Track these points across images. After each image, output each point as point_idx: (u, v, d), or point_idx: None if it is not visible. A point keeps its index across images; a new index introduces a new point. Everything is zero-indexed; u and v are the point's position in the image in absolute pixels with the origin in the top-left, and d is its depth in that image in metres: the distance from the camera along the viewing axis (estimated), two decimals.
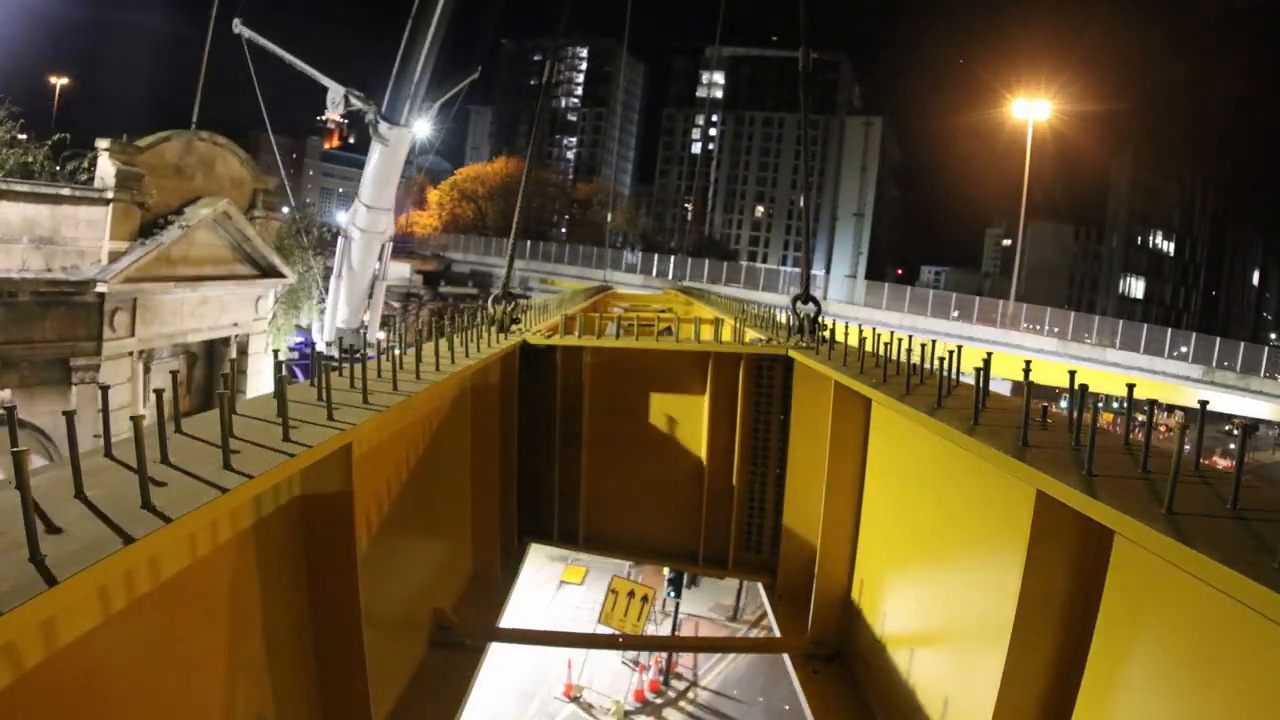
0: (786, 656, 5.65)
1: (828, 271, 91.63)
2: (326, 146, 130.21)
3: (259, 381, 20.65)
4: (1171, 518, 2.26)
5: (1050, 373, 29.32)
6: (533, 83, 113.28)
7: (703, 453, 6.76)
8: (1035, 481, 2.88)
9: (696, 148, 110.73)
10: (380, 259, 26.88)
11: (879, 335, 5.60)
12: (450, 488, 5.81)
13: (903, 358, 4.89)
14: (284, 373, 3.19)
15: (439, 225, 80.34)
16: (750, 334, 8.97)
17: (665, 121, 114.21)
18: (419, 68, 22.59)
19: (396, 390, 4.00)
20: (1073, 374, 3.52)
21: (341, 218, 27.19)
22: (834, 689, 5.06)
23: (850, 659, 5.25)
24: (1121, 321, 41.35)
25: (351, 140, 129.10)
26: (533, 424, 6.91)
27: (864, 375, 4.95)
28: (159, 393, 2.69)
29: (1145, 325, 41.24)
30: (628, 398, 6.94)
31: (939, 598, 4.15)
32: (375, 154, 24.51)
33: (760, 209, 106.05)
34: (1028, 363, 4.63)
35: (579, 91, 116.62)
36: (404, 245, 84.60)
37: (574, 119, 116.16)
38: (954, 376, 4.22)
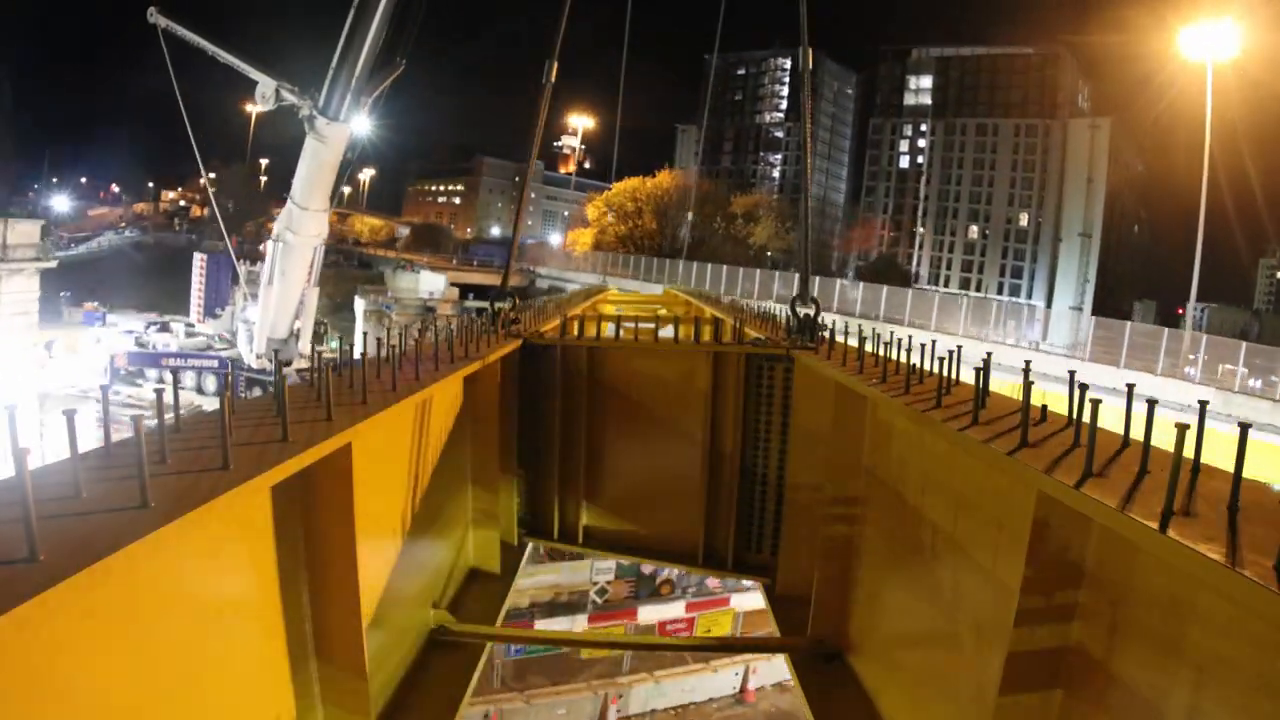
0: (786, 656, 5.65)
1: (1049, 304, 78.33)
2: (563, 171, 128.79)
3: None
4: (1171, 518, 2.26)
5: None
6: (737, 98, 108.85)
7: (702, 452, 6.75)
8: (1035, 481, 2.89)
9: (905, 161, 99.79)
10: (312, 265, 25.45)
11: (878, 335, 5.50)
12: (450, 487, 5.86)
13: (903, 357, 4.90)
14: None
15: (591, 243, 76.04)
16: (750, 333, 8.85)
17: (871, 133, 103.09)
18: (360, 60, 21.35)
19: (396, 390, 4.03)
20: (1073, 374, 3.52)
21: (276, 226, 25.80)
22: (834, 689, 5.06)
23: (850, 659, 5.24)
24: None
25: (588, 165, 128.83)
26: (532, 424, 6.97)
27: (864, 375, 4.94)
28: (159, 392, 2.72)
29: None
30: (628, 397, 6.96)
31: (939, 598, 4.14)
32: (309, 152, 23.15)
33: (974, 229, 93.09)
34: (1027, 362, 4.61)
35: (782, 105, 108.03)
36: (483, 255, 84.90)
37: (779, 135, 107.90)
38: (954, 376, 4.18)
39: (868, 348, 5.32)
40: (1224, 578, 1.97)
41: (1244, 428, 2.37)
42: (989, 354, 4.07)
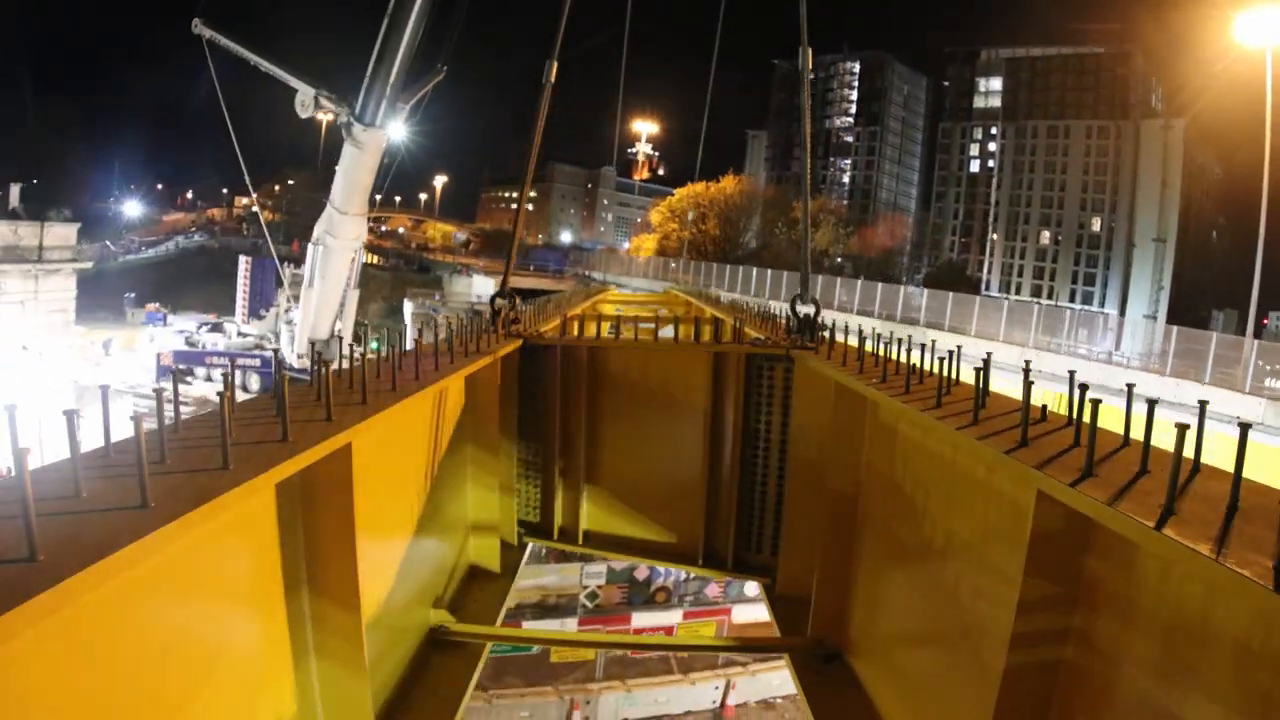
0: (786, 656, 5.65)
1: (1122, 312, 72.71)
2: (636, 178, 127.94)
3: None
4: (1171, 517, 2.27)
5: None
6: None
7: (702, 452, 6.75)
8: (1035, 481, 2.89)
9: (976, 165, 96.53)
10: (352, 268, 25.73)
11: (877, 334, 5.53)
12: (450, 487, 5.89)
13: (903, 358, 4.92)
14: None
15: (655, 249, 75.46)
16: (750, 333, 8.90)
17: (941, 137, 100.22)
18: (395, 66, 21.57)
19: (396, 390, 4.05)
20: (1072, 374, 3.53)
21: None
22: (834, 689, 5.07)
23: (850, 659, 5.26)
24: None
25: (661, 172, 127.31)
26: (532, 423, 6.99)
27: (864, 374, 4.95)
28: (159, 392, 2.73)
29: None
30: (627, 397, 6.96)
31: (939, 598, 4.14)
32: (347, 157, 23.51)
33: (1045, 234, 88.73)
34: (1027, 362, 4.70)
35: (852, 110, 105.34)
36: (540, 260, 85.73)
37: (849, 139, 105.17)
38: (954, 376, 4.19)
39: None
40: (1223, 577, 1.97)
41: (1244, 427, 2.34)
42: (989, 354, 4.05)
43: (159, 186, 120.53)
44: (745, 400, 6.62)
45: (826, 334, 6.56)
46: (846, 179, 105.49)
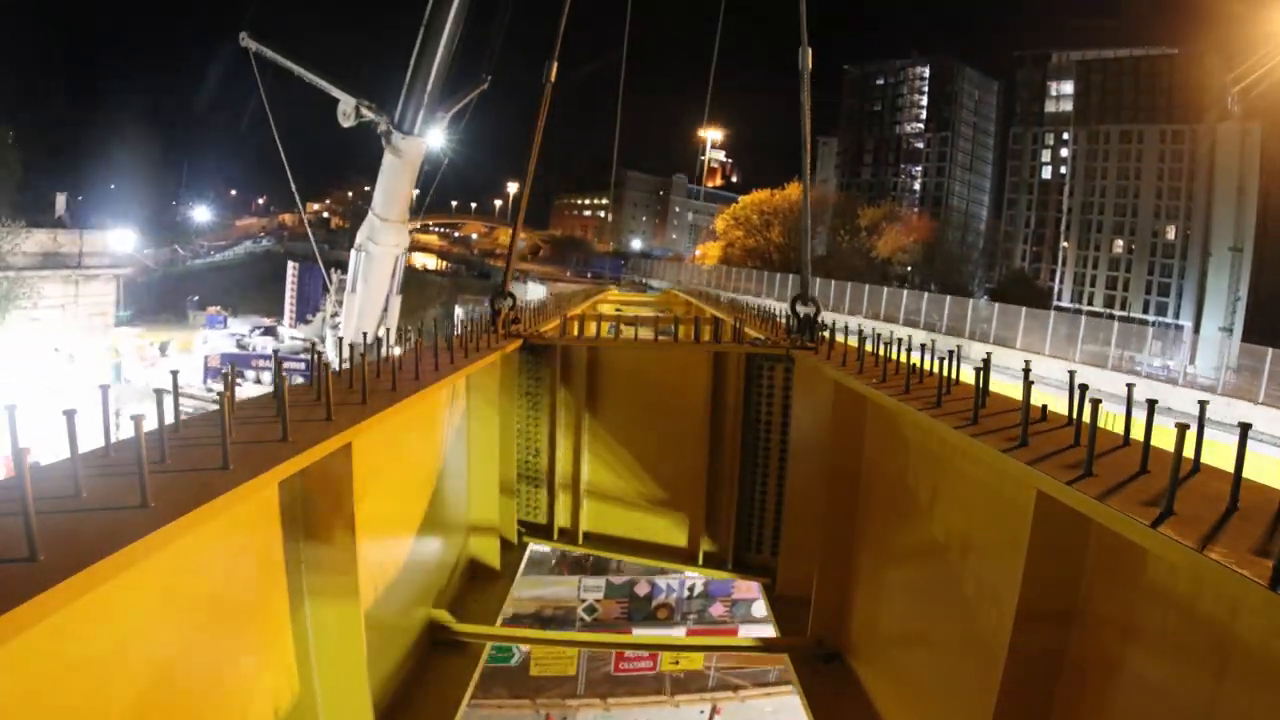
0: (787, 656, 5.67)
1: (1196, 325, 69.38)
2: (709, 185, 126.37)
3: None
4: (1171, 517, 2.26)
5: None
6: (877, 108, 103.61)
7: (703, 452, 6.76)
8: (1035, 481, 2.89)
9: (1048, 172, 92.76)
10: (394, 273, 25.98)
11: (877, 334, 5.52)
12: (450, 487, 5.90)
13: (903, 357, 4.92)
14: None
15: (719, 257, 73.79)
16: (750, 333, 8.90)
17: (1012, 143, 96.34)
18: (432, 76, 21.89)
19: (396, 390, 4.05)
20: (1072, 373, 3.50)
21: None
22: (834, 689, 5.09)
23: (850, 659, 5.28)
24: None
25: (734, 179, 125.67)
26: (532, 423, 7.02)
27: (863, 374, 4.95)
28: (159, 392, 2.73)
29: None
30: (627, 397, 6.98)
31: (939, 598, 4.15)
32: (387, 165, 23.84)
33: (1119, 243, 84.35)
34: (1027, 362, 4.71)
35: (922, 115, 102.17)
36: (598, 267, 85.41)
37: (920, 146, 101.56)
38: (954, 376, 4.18)
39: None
40: (1222, 576, 1.96)
41: (1244, 427, 2.34)
42: (989, 354, 4.05)
43: (232, 192, 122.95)
44: (745, 400, 6.64)
45: (826, 334, 6.54)
46: (918, 186, 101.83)
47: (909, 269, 76.03)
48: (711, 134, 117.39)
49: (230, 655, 2.99)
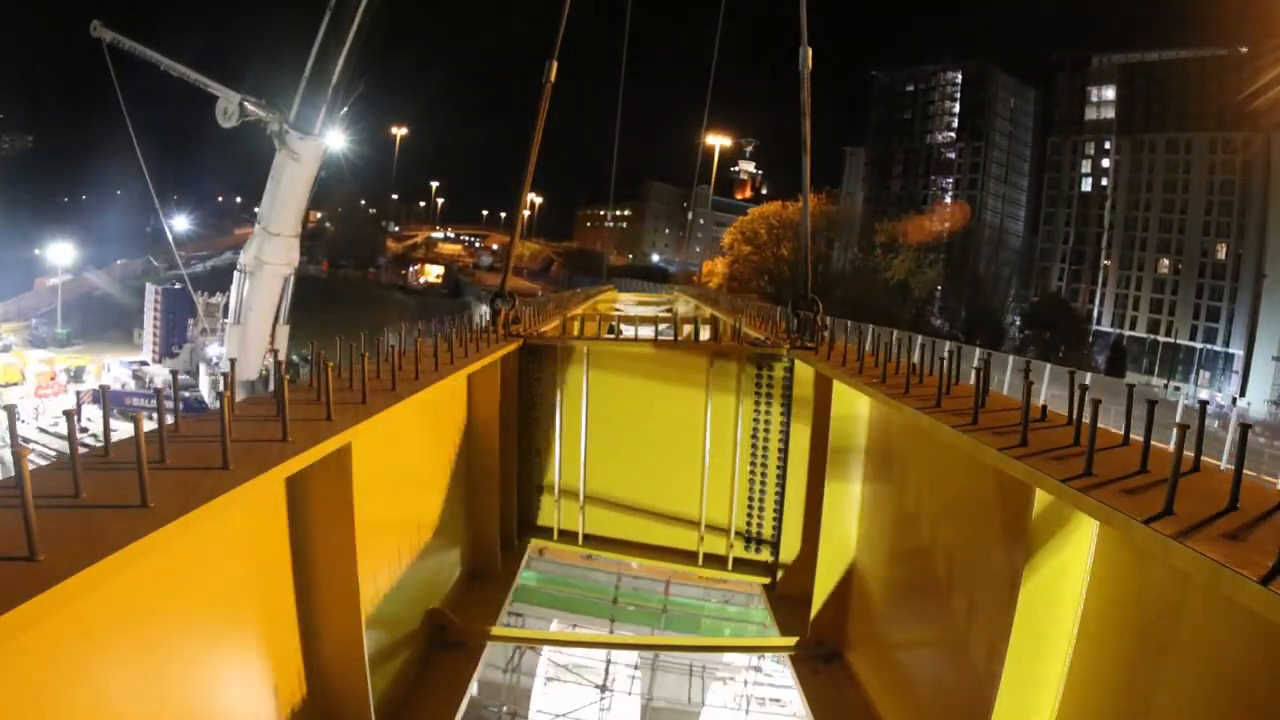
0: (787, 656, 5.69)
1: (1248, 352, 66.15)
2: (739, 198, 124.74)
3: None
4: (1171, 517, 2.26)
5: None
6: (907, 116, 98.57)
7: (703, 452, 6.78)
8: (1035, 481, 2.90)
9: (1088, 184, 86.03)
10: (282, 298, 23.23)
11: (877, 334, 5.65)
12: (450, 487, 5.92)
13: (903, 358, 4.93)
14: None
15: (726, 273, 71.84)
16: (750, 333, 8.84)
17: (1050, 153, 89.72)
18: (338, 67, 20.01)
19: (396, 390, 4.06)
20: (1072, 374, 3.54)
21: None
22: (834, 689, 5.13)
23: (850, 659, 5.32)
24: None
25: (764, 191, 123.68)
26: (532, 423, 7.03)
27: (864, 375, 4.95)
28: (158, 392, 2.77)
29: None
30: (627, 397, 6.98)
31: (939, 598, 4.17)
32: (279, 170, 21.44)
33: (1164, 262, 77.74)
34: (1027, 362, 4.64)
35: (954, 124, 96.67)
36: (608, 281, 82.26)
37: (951, 156, 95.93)
38: (953, 376, 4.18)
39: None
40: (1222, 576, 1.96)
41: (1244, 427, 2.32)
42: (988, 354, 3.93)
43: (218, 199, 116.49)
44: (745, 399, 6.66)
45: (826, 334, 6.55)
46: (949, 199, 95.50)
47: (937, 289, 71.97)
48: (743, 144, 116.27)
49: (230, 654, 2.99)
